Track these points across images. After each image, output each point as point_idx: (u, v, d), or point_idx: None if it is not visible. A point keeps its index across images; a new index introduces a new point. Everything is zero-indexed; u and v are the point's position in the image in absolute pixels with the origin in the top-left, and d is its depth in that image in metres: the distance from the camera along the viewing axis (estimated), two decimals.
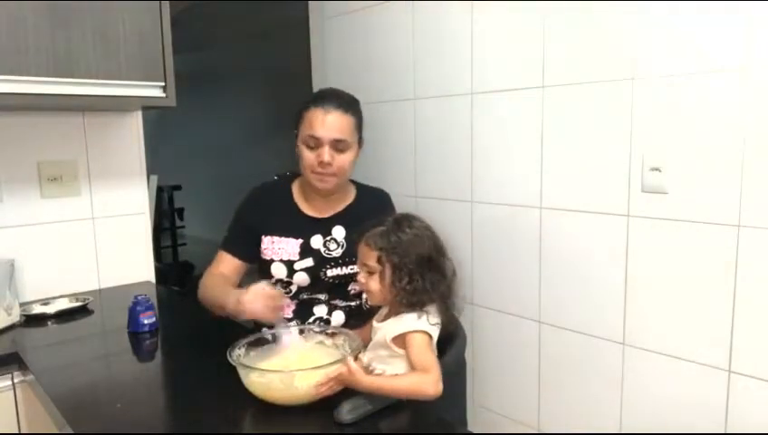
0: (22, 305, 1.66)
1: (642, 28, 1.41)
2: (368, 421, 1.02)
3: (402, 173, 2.06)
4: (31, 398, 1.34)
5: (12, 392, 1.38)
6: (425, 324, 1.24)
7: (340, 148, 1.54)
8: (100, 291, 1.91)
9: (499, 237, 1.80)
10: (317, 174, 1.55)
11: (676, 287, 1.42)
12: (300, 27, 2.44)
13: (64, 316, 1.67)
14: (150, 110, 1.96)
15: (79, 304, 1.72)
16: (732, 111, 1.29)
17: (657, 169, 1.42)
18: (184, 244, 4.84)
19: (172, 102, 1.65)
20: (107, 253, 1.94)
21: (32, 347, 1.46)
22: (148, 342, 1.50)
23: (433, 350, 1.27)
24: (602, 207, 1.54)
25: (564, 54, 1.58)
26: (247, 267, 1.65)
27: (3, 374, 1.36)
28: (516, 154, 1.72)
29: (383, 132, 2.10)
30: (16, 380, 1.37)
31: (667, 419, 1.47)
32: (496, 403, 1.89)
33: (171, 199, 4.72)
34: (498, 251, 1.81)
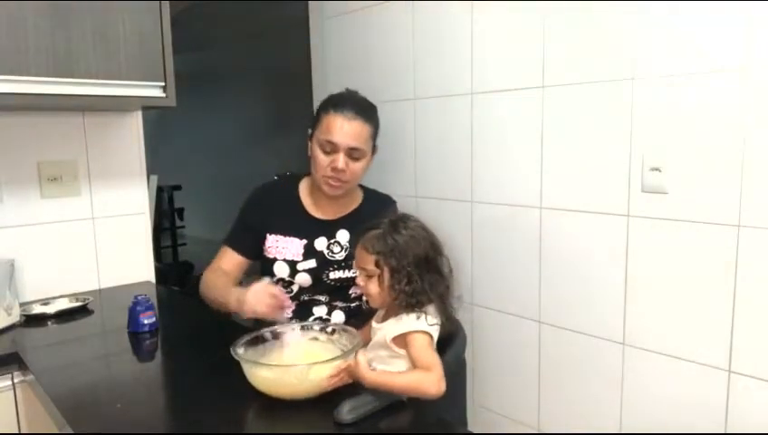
0: (22, 305, 1.66)
1: (642, 28, 1.41)
2: (368, 421, 1.02)
3: (402, 173, 2.06)
4: (31, 398, 1.34)
5: (12, 392, 1.37)
6: (424, 325, 1.24)
7: (354, 156, 1.54)
8: (100, 291, 1.91)
9: (499, 237, 1.80)
10: (328, 178, 1.55)
11: (676, 287, 1.42)
12: (300, 27, 2.44)
13: (64, 316, 1.67)
14: (150, 110, 1.96)
15: (79, 304, 1.72)
16: (732, 111, 1.29)
17: (657, 169, 1.42)
18: (184, 244, 4.84)
19: (172, 102, 1.65)
20: (107, 253, 1.94)
21: (32, 347, 1.46)
22: (148, 342, 1.50)
23: (434, 350, 1.27)
24: (602, 207, 1.54)
25: (564, 54, 1.58)
26: (249, 264, 1.65)
27: (3, 374, 1.36)
28: (516, 154, 1.72)
29: (383, 132, 2.09)
30: (16, 380, 1.37)
31: (667, 419, 1.47)
32: (496, 403, 1.88)
33: (171, 199, 4.72)
34: (498, 251, 1.81)
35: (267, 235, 1.61)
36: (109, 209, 1.94)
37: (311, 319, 1.57)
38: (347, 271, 1.56)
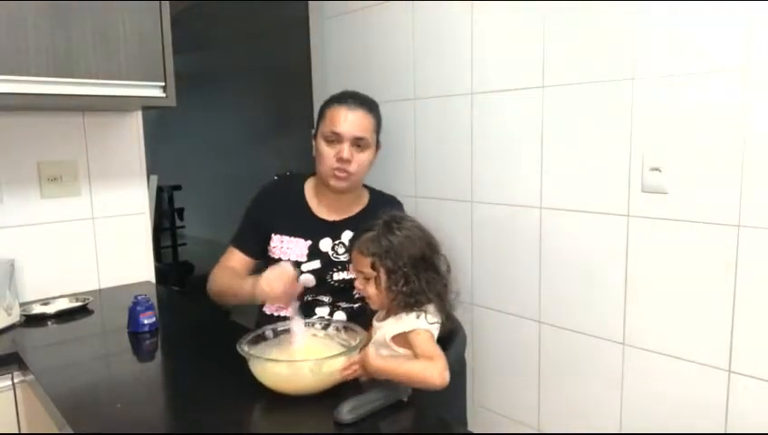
0: (22, 305, 1.66)
1: (642, 28, 1.41)
2: (368, 421, 1.02)
3: (402, 173, 2.06)
4: (31, 398, 1.34)
5: (12, 392, 1.37)
6: (424, 323, 1.25)
7: (360, 145, 1.55)
8: (100, 291, 1.91)
9: (499, 237, 1.80)
10: (335, 170, 1.56)
11: (676, 287, 1.42)
12: (300, 27, 2.44)
13: (64, 316, 1.67)
14: (150, 110, 1.96)
15: (79, 304, 1.72)
16: (732, 111, 1.29)
17: (657, 169, 1.42)
18: (184, 244, 4.84)
19: (172, 102, 1.65)
20: (107, 253, 1.94)
21: (32, 347, 1.45)
22: (148, 342, 1.50)
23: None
24: (602, 207, 1.54)
25: (564, 54, 1.58)
26: (256, 264, 1.66)
27: (3, 374, 1.36)
28: (516, 154, 1.72)
29: (383, 132, 2.10)
30: (16, 380, 1.37)
31: (667, 419, 1.47)
32: (496, 403, 1.88)
33: (171, 199, 4.72)
34: (498, 251, 1.81)
35: (272, 235, 1.61)
36: (109, 209, 1.94)
37: (313, 318, 1.57)
38: (351, 272, 1.56)
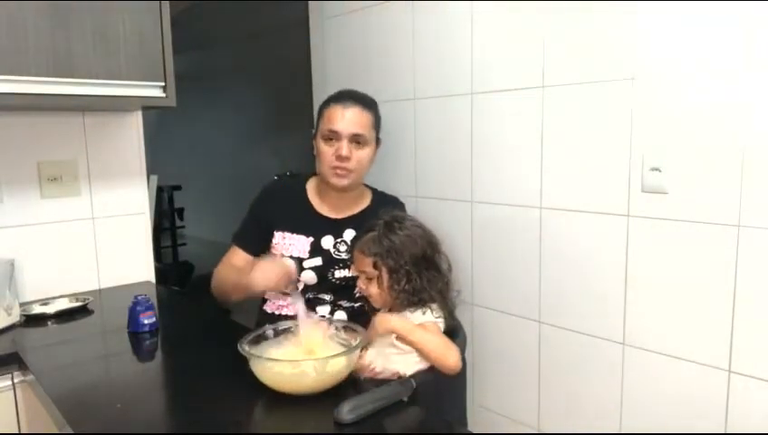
0: (22, 305, 1.66)
1: (642, 28, 1.41)
2: (368, 421, 1.02)
3: (402, 173, 2.06)
4: (31, 398, 1.34)
5: (12, 392, 1.38)
6: (431, 317, 1.25)
7: (358, 142, 1.57)
8: (100, 291, 1.91)
9: (499, 237, 1.80)
10: (334, 169, 1.57)
11: (676, 287, 1.42)
12: (300, 27, 2.44)
13: (64, 316, 1.67)
14: (150, 110, 1.96)
15: (79, 304, 1.72)
16: (732, 111, 1.29)
17: (657, 169, 1.42)
18: (184, 244, 4.84)
19: (172, 102, 1.65)
20: (107, 253, 1.94)
21: (32, 347, 1.45)
22: (148, 342, 1.50)
23: None
24: (602, 207, 1.54)
25: (564, 54, 1.58)
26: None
27: (3, 374, 1.36)
28: (516, 154, 1.72)
29: (383, 132, 2.10)
30: (16, 380, 1.37)
31: (667, 419, 1.47)
32: (496, 403, 1.88)
33: (171, 199, 4.72)
34: (498, 251, 1.81)
35: (274, 231, 1.62)
36: (109, 209, 1.94)
37: (314, 317, 1.58)
38: (351, 270, 1.57)
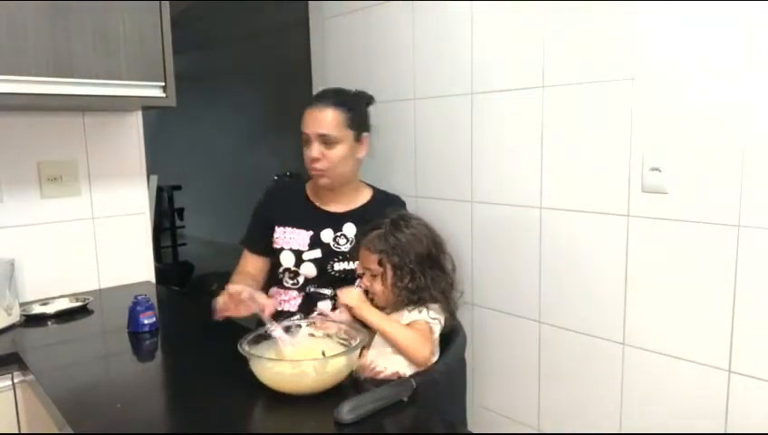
0: (22, 305, 1.66)
1: (642, 28, 1.41)
2: (368, 421, 1.02)
3: (402, 173, 2.06)
4: (31, 398, 1.34)
5: (12, 392, 1.38)
6: (425, 316, 1.26)
7: (327, 142, 1.58)
8: (100, 291, 1.91)
9: (499, 237, 1.80)
10: (311, 170, 1.61)
11: (676, 287, 1.42)
12: (300, 27, 2.44)
13: (64, 316, 1.67)
14: (150, 110, 1.96)
15: (79, 304, 1.72)
16: (732, 111, 1.29)
17: (657, 169, 1.42)
18: (184, 244, 4.83)
19: (172, 102, 1.65)
20: (107, 253, 1.94)
21: (32, 347, 1.46)
22: (148, 342, 1.50)
23: (433, 343, 1.29)
24: (602, 207, 1.54)
25: (564, 54, 1.58)
26: (270, 263, 1.68)
27: (3, 374, 1.36)
28: (516, 154, 1.72)
29: (383, 132, 2.10)
30: (16, 380, 1.37)
31: (667, 419, 1.47)
32: (496, 403, 1.88)
33: (171, 199, 4.71)
34: (498, 251, 1.81)
35: (276, 227, 1.65)
36: (109, 209, 1.94)
37: (314, 314, 1.58)
38: (352, 262, 1.58)
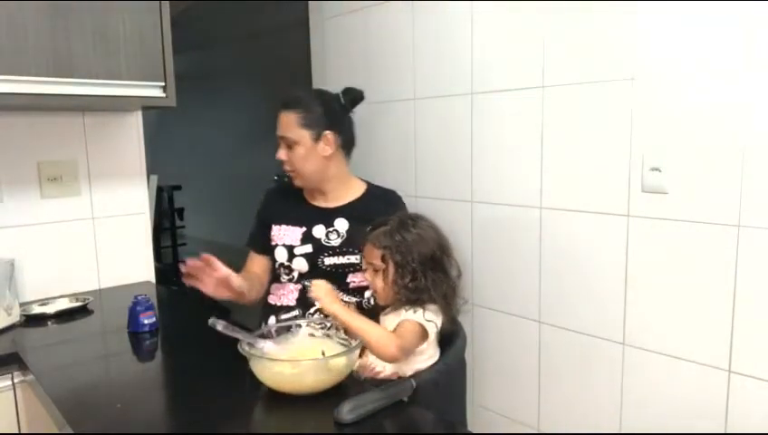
0: (22, 305, 1.66)
1: (642, 28, 1.41)
2: (368, 421, 1.02)
3: (402, 173, 2.06)
4: (31, 398, 1.34)
5: (12, 392, 1.38)
6: (419, 317, 1.26)
7: (288, 144, 1.63)
8: (100, 291, 1.91)
9: (499, 237, 1.80)
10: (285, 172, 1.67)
11: (676, 287, 1.42)
12: (300, 27, 2.44)
13: (64, 316, 1.67)
14: (150, 110, 1.96)
15: (79, 304, 1.72)
16: (732, 111, 1.29)
17: (657, 169, 1.42)
18: (184, 244, 4.83)
19: (172, 102, 1.65)
20: (107, 253, 1.94)
21: (32, 347, 1.45)
22: (148, 342, 1.50)
23: (420, 340, 1.29)
24: (602, 207, 1.54)
25: (564, 54, 1.58)
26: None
27: (3, 374, 1.36)
28: (516, 154, 1.72)
29: (383, 132, 2.10)
30: (16, 380, 1.37)
31: (667, 418, 1.47)
32: (496, 403, 1.88)
33: (171, 199, 4.71)
34: (498, 251, 1.81)
35: (272, 226, 1.68)
36: (109, 209, 1.94)
37: (312, 310, 1.59)
38: (341, 257, 1.58)
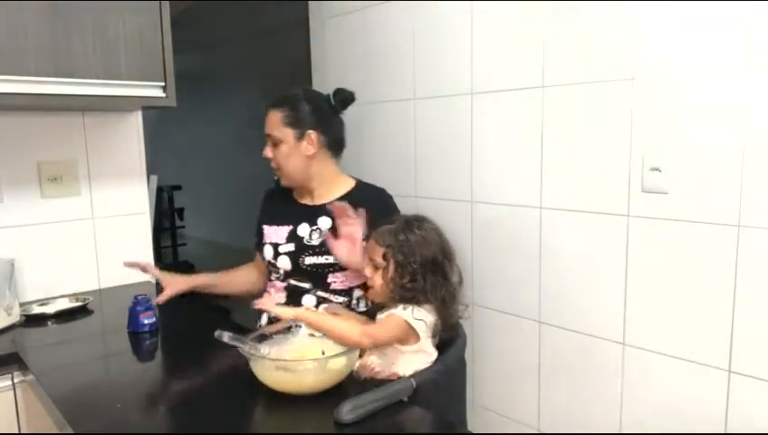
0: (22, 305, 1.66)
1: (642, 28, 1.41)
2: (368, 421, 1.02)
3: (402, 173, 2.06)
4: (31, 398, 1.34)
5: (12, 392, 1.38)
6: (408, 315, 1.26)
7: (273, 143, 1.64)
8: (100, 291, 1.91)
9: (499, 237, 1.80)
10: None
11: (676, 287, 1.42)
12: (300, 27, 2.44)
13: (64, 316, 1.67)
14: (150, 110, 1.96)
15: (79, 304, 1.73)
16: (732, 111, 1.29)
17: (657, 169, 1.42)
18: (184, 244, 4.83)
19: (172, 102, 1.66)
20: (107, 253, 1.94)
21: (32, 347, 1.46)
22: (148, 342, 1.50)
23: (402, 336, 1.29)
24: (602, 207, 1.54)
25: (564, 54, 1.58)
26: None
27: (3, 374, 1.36)
28: (516, 154, 1.72)
29: (383, 132, 2.10)
30: (16, 380, 1.38)
31: (667, 418, 1.47)
32: (496, 403, 1.88)
33: (171, 199, 4.71)
34: (498, 251, 1.81)
35: (264, 226, 1.70)
36: (109, 209, 1.94)
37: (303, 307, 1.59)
38: (320, 257, 1.57)
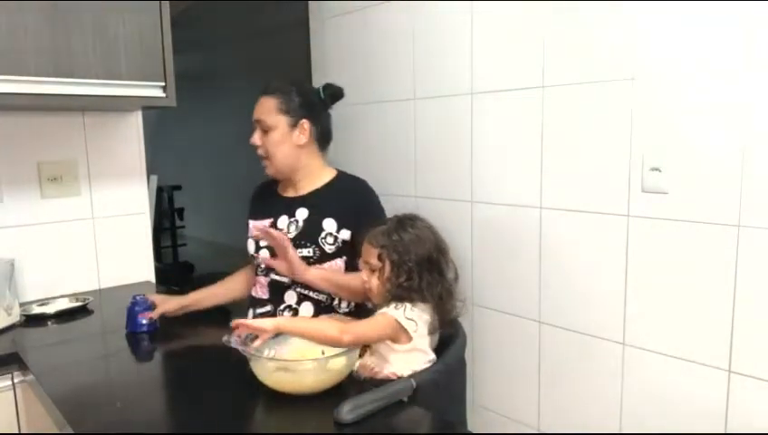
0: (22, 305, 1.66)
1: (642, 28, 1.41)
2: (368, 421, 1.02)
3: (402, 173, 2.06)
4: (31, 398, 1.34)
5: (12, 392, 1.38)
6: (399, 314, 1.26)
7: (263, 129, 1.62)
8: (100, 291, 1.92)
9: (499, 237, 1.80)
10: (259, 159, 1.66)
11: (676, 287, 1.42)
12: (300, 27, 2.44)
13: (64, 316, 1.67)
14: (150, 110, 1.96)
15: (79, 304, 1.73)
16: (732, 111, 1.29)
17: (657, 169, 1.42)
18: (184, 244, 4.83)
19: (172, 102, 1.66)
20: (107, 253, 1.94)
21: (32, 347, 1.46)
22: (147, 342, 1.50)
23: (390, 334, 1.29)
24: (602, 207, 1.54)
25: (564, 54, 1.58)
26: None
27: (3, 374, 1.36)
28: (516, 154, 1.72)
29: (383, 132, 2.10)
30: (16, 380, 1.38)
31: (667, 418, 1.47)
32: (496, 403, 1.88)
33: (171, 199, 4.71)
34: (498, 251, 1.81)
35: (250, 222, 1.70)
36: (109, 209, 1.94)
37: (282, 307, 1.59)
38: (298, 250, 1.55)
